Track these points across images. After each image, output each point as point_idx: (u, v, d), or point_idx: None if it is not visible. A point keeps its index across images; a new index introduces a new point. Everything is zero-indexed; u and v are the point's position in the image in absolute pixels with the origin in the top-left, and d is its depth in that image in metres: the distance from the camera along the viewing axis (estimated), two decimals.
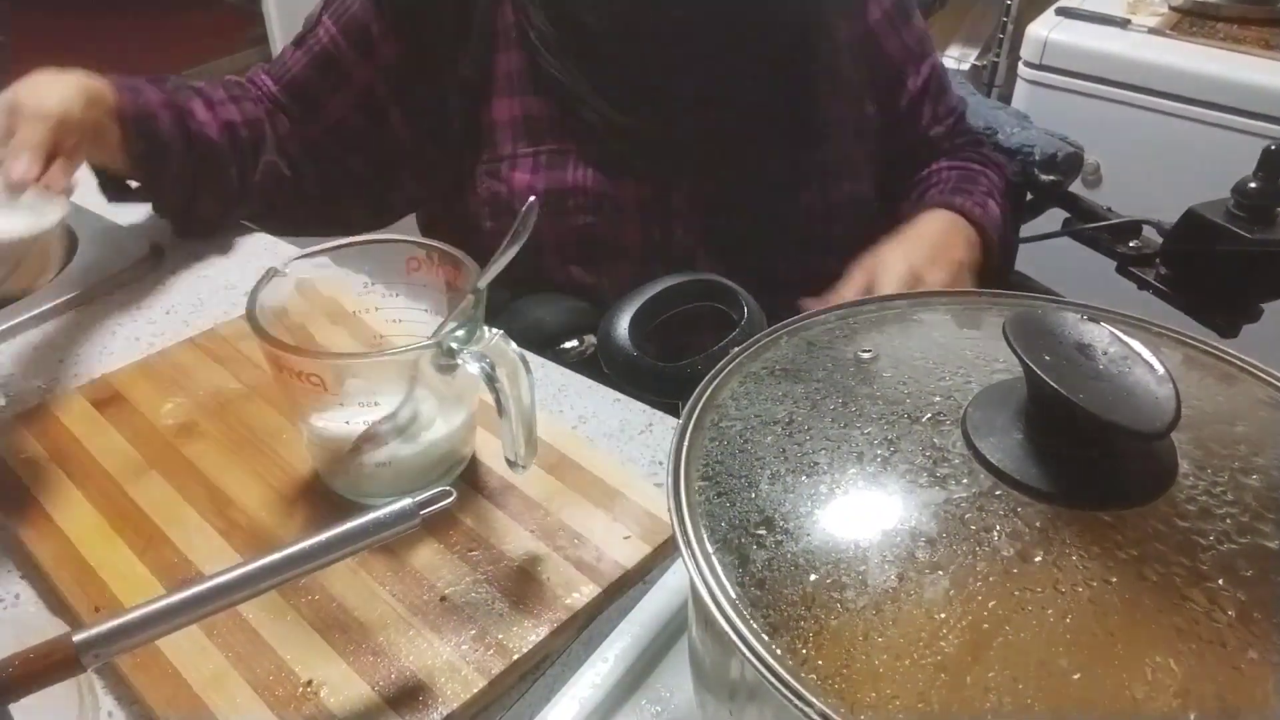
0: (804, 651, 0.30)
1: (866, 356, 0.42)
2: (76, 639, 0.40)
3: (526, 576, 0.54)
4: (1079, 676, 0.29)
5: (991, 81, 2.03)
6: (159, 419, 0.66)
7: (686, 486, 0.36)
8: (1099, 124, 1.58)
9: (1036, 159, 1.01)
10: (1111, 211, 0.98)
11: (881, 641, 0.30)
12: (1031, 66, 1.65)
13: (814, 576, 0.32)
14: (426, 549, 0.56)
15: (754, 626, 0.31)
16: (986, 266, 0.88)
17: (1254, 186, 0.80)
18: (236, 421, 0.66)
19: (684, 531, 0.35)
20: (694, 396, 0.41)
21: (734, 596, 0.32)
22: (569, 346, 0.80)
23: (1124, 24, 1.63)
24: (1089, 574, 0.31)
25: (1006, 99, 1.77)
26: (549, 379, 0.72)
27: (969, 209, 0.89)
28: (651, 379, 0.46)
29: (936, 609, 0.31)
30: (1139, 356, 0.34)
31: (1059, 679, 0.29)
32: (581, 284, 0.85)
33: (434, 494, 0.46)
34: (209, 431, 0.65)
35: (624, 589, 0.55)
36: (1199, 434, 0.36)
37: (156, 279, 0.84)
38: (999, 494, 0.34)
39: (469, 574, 0.54)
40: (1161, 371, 0.34)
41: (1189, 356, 0.42)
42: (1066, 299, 0.46)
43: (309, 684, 0.49)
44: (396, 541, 0.49)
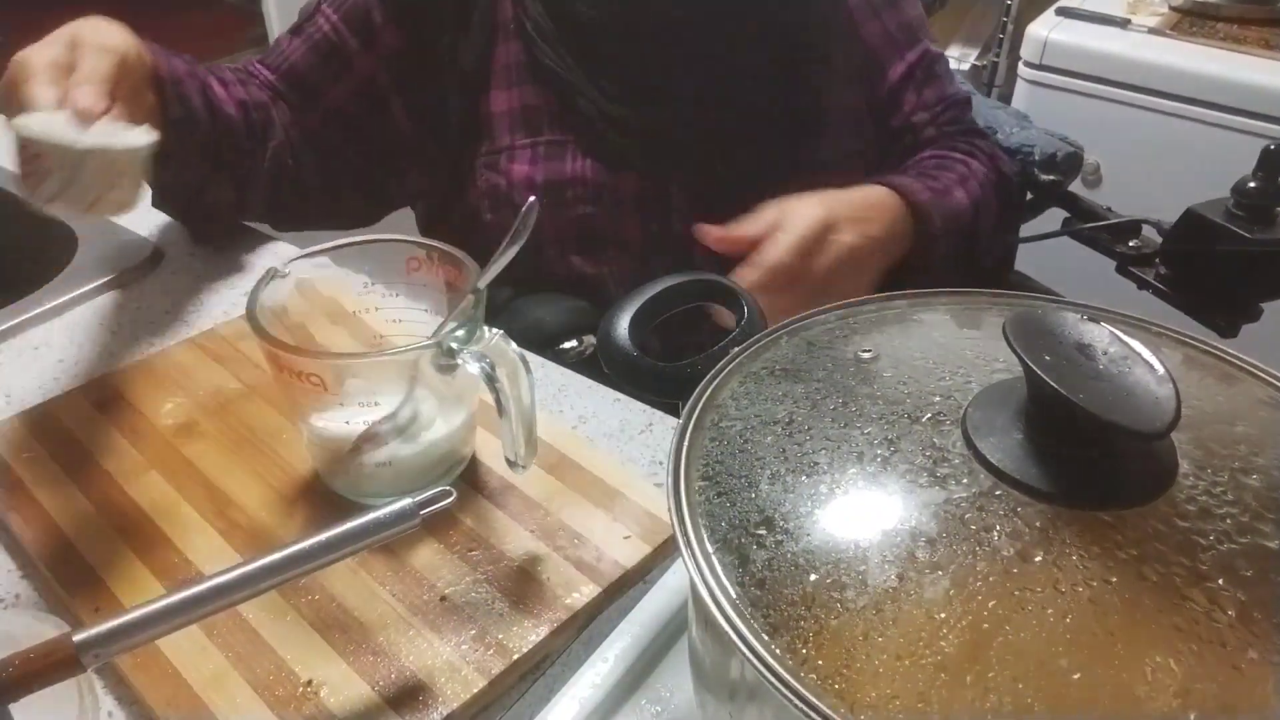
0: (804, 651, 0.30)
1: (866, 356, 0.42)
2: (76, 639, 0.40)
3: (526, 576, 0.54)
4: (1079, 676, 0.29)
5: (991, 81, 2.04)
6: (159, 419, 0.66)
7: (686, 486, 0.36)
8: (1099, 124, 1.58)
9: (1036, 159, 1.01)
10: (1111, 211, 0.98)
11: (881, 641, 0.30)
12: (1031, 66, 1.65)
13: (814, 576, 0.32)
14: (426, 549, 0.56)
15: (754, 626, 0.31)
16: (923, 253, 0.82)
17: (1253, 186, 0.80)
18: (236, 421, 0.66)
19: (684, 531, 0.35)
20: (694, 396, 0.41)
21: (734, 596, 0.32)
22: (569, 346, 0.80)
23: (1124, 24, 1.63)
24: (1089, 574, 0.31)
25: (1006, 99, 1.78)
26: (549, 379, 0.72)
27: (912, 190, 0.82)
28: (651, 379, 0.46)
29: (936, 609, 0.31)
30: (1139, 356, 0.34)
31: (1059, 679, 0.29)
32: (583, 275, 0.84)
33: (434, 494, 0.46)
34: (209, 431, 0.65)
35: (624, 589, 0.55)
36: (1199, 434, 0.36)
37: (156, 279, 0.84)
38: (999, 494, 0.34)
39: (469, 574, 0.54)
40: (1161, 371, 0.33)
41: (1189, 356, 0.42)
42: (1066, 299, 0.46)
43: (309, 684, 0.49)
44: (396, 541, 0.49)
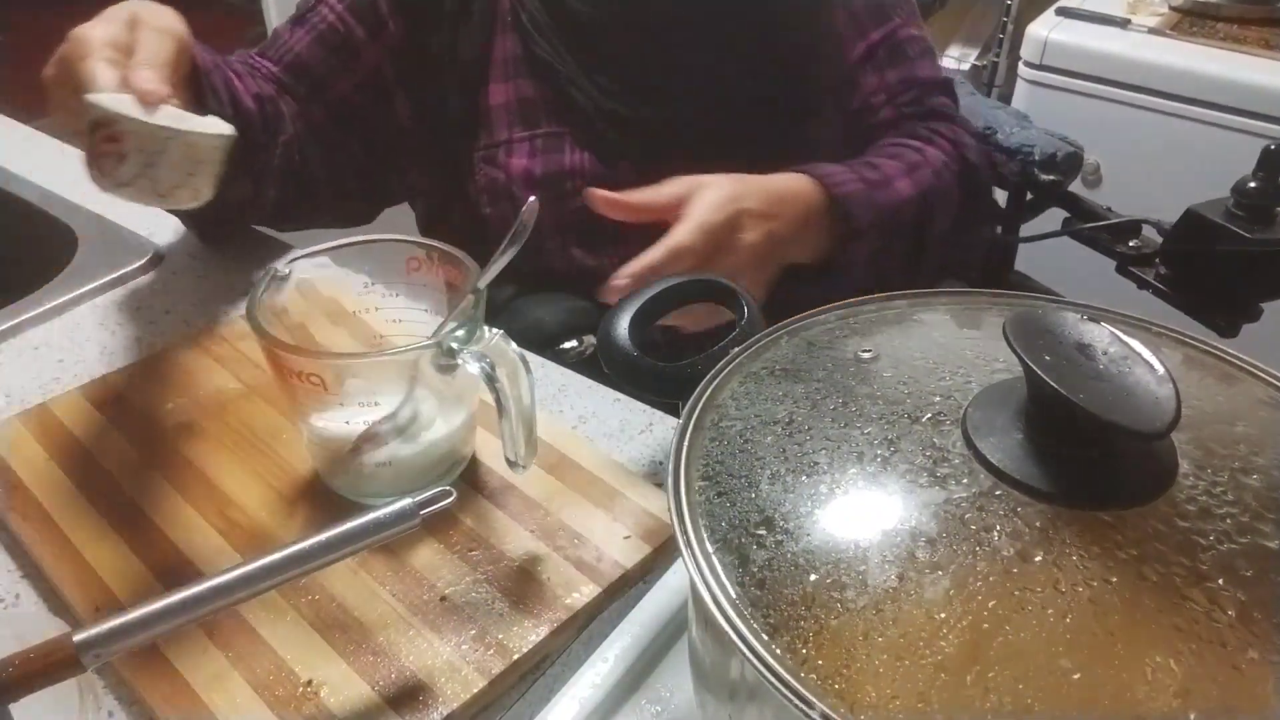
0: (804, 651, 0.30)
1: (866, 356, 0.42)
2: (76, 639, 0.40)
3: (526, 576, 0.54)
4: (1079, 676, 0.29)
5: (991, 81, 2.04)
6: (159, 419, 0.66)
7: (686, 486, 0.36)
8: (1099, 124, 1.59)
9: (1036, 159, 1.01)
10: (1111, 211, 0.98)
11: (882, 641, 0.30)
12: (1031, 66, 1.65)
13: (814, 576, 0.32)
14: (426, 549, 0.56)
15: (754, 626, 0.31)
16: (845, 251, 0.76)
17: (1254, 186, 0.80)
18: (236, 421, 0.66)
19: (684, 531, 0.35)
20: (694, 396, 0.41)
21: (734, 596, 0.32)
22: (569, 347, 0.80)
23: (1124, 24, 1.63)
24: (1089, 574, 0.31)
25: (1006, 99, 1.78)
26: (549, 379, 0.72)
27: (837, 182, 0.76)
28: (651, 379, 0.46)
29: (937, 609, 0.31)
30: (1139, 356, 0.34)
31: (1059, 679, 0.29)
32: (584, 268, 0.84)
33: (434, 494, 0.46)
34: (209, 431, 0.65)
35: (624, 589, 0.55)
36: (1199, 434, 0.36)
37: (156, 279, 0.84)
38: (999, 494, 0.34)
39: (469, 574, 0.54)
40: (1161, 371, 0.34)
41: (1189, 356, 0.42)
42: (1066, 299, 0.46)
43: (309, 684, 0.49)
44: (396, 541, 0.49)
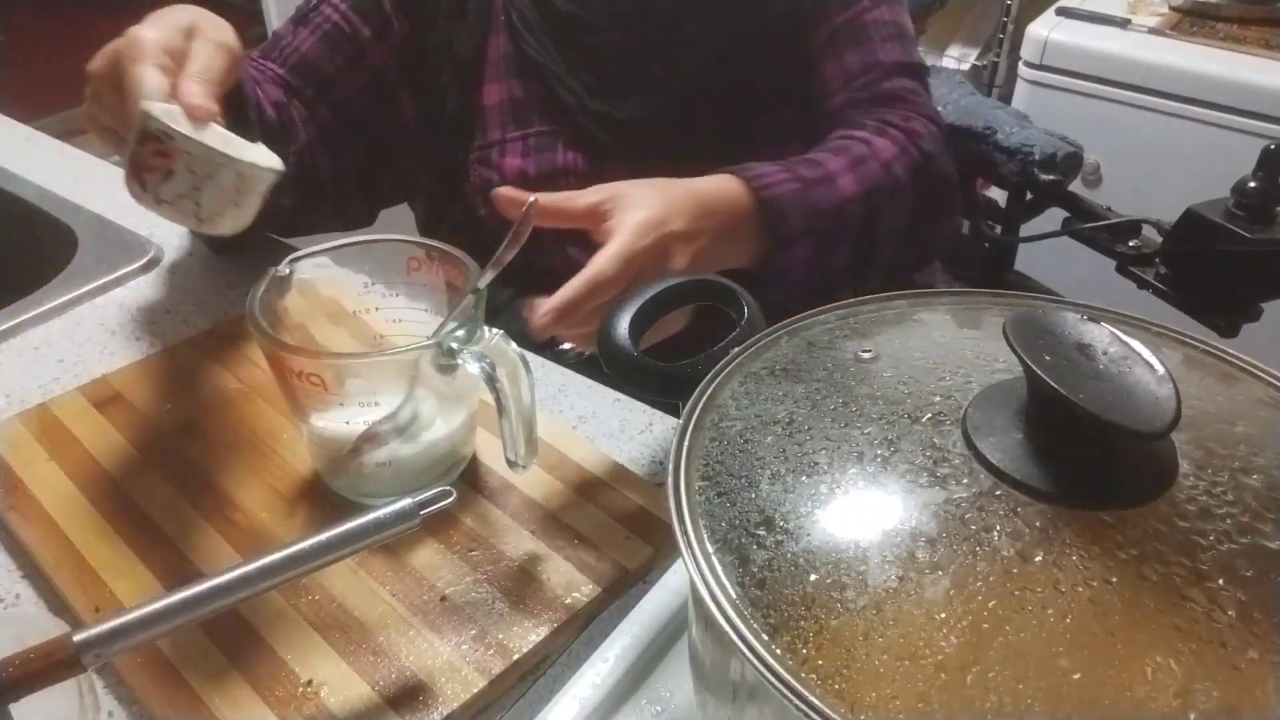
0: (804, 651, 0.30)
1: (866, 356, 0.42)
2: (76, 639, 0.40)
3: (526, 576, 0.54)
4: (1079, 676, 0.29)
5: (991, 81, 2.04)
6: (159, 419, 0.66)
7: (686, 486, 0.36)
8: (1099, 124, 1.58)
9: (1036, 159, 1.00)
10: (1111, 211, 0.98)
11: (882, 641, 0.30)
12: (1031, 66, 1.65)
13: (814, 576, 0.32)
14: (426, 549, 0.56)
15: (754, 626, 0.31)
16: (777, 257, 0.72)
17: (1253, 186, 0.80)
18: (236, 421, 0.66)
19: (684, 531, 0.35)
20: (694, 396, 0.41)
21: (734, 596, 0.32)
22: (568, 347, 0.79)
23: (1124, 24, 1.63)
24: (1089, 574, 0.31)
25: (1006, 99, 1.78)
26: (549, 379, 0.72)
27: (767, 184, 0.72)
28: (651, 379, 0.46)
29: (937, 609, 0.31)
30: (1139, 356, 0.34)
31: (1059, 679, 0.29)
32: (580, 267, 0.84)
33: (434, 494, 0.46)
34: (209, 431, 0.65)
35: (624, 589, 0.55)
36: (1199, 434, 0.36)
37: (156, 279, 0.84)
38: (999, 494, 0.34)
39: (469, 574, 0.54)
40: (1161, 371, 0.33)
41: (1189, 356, 0.42)
42: (1066, 299, 0.46)
43: (309, 684, 0.49)
44: (396, 541, 0.49)
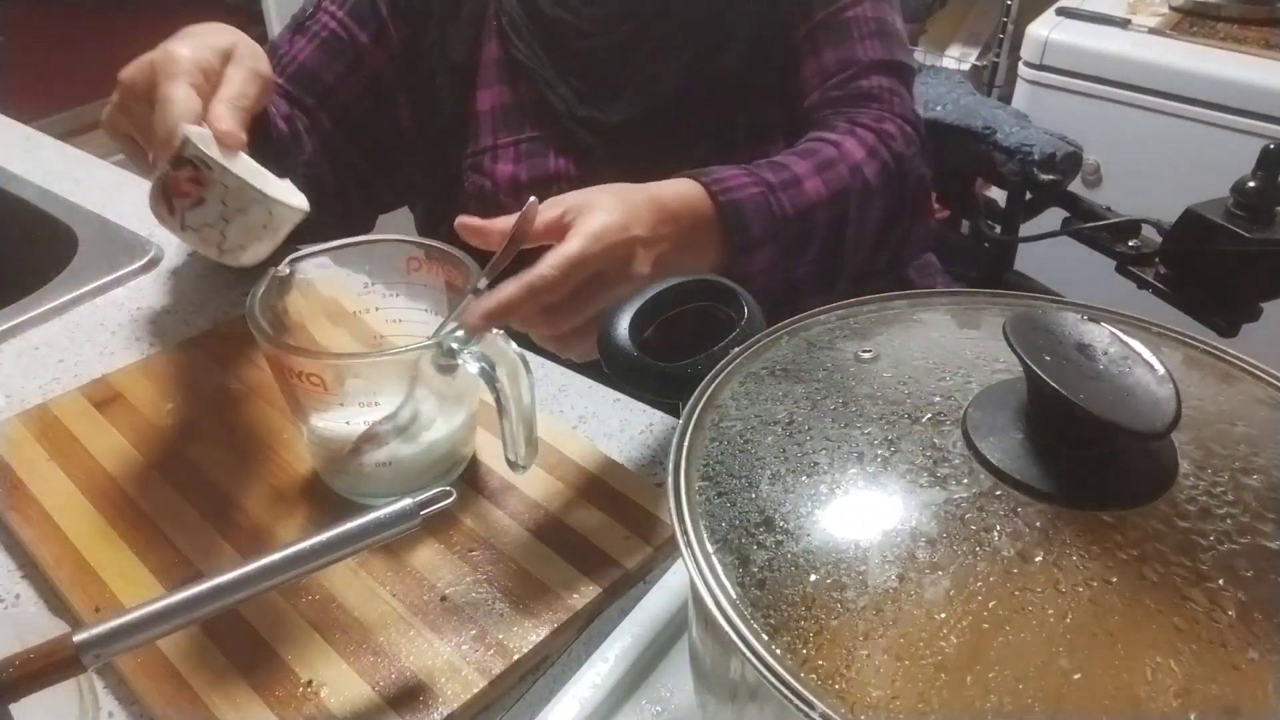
0: (804, 652, 0.30)
1: (866, 356, 0.42)
2: (76, 639, 0.40)
3: (526, 576, 0.54)
4: (1079, 677, 0.29)
5: (991, 81, 2.04)
6: (159, 419, 0.66)
7: (686, 486, 0.36)
8: (1099, 124, 1.58)
9: (1036, 158, 1.00)
10: (1111, 211, 0.98)
11: (882, 642, 0.30)
12: (1031, 66, 1.65)
13: (814, 577, 0.32)
14: (426, 549, 0.56)
15: (754, 627, 0.31)
16: (740, 264, 0.70)
17: (1253, 186, 0.80)
18: (236, 421, 0.66)
19: (684, 531, 0.35)
20: (694, 396, 0.41)
21: (734, 597, 0.32)
22: None
23: (1124, 24, 1.63)
24: (1089, 574, 0.31)
25: (1006, 99, 1.77)
26: (549, 379, 0.72)
27: (727, 188, 0.70)
28: (651, 379, 0.46)
29: (937, 609, 0.31)
30: (1139, 356, 0.34)
31: (1059, 679, 0.29)
32: None
33: (434, 494, 0.46)
34: (209, 431, 0.65)
35: (624, 589, 0.55)
36: (1199, 434, 0.36)
37: (156, 279, 0.84)
38: (999, 494, 0.34)
39: (469, 574, 0.54)
40: (1161, 371, 0.33)
41: (1189, 356, 0.42)
42: (1066, 299, 0.46)
43: (309, 684, 0.49)
44: (396, 541, 0.49)
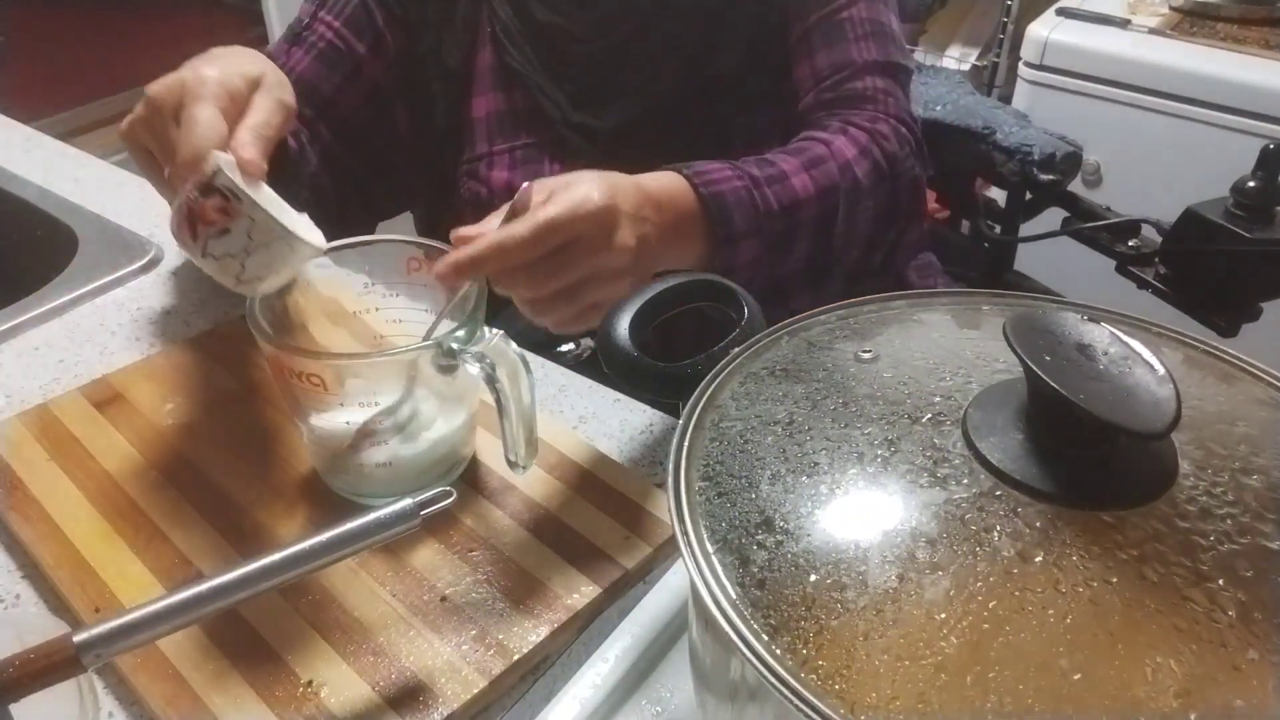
0: (804, 652, 0.30)
1: (866, 356, 0.42)
2: (76, 639, 0.40)
3: (526, 576, 0.54)
4: (1079, 677, 0.29)
5: (991, 81, 2.03)
6: (159, 419, 0.66)
7: (686, 486, 0.36)
8: (1099, 124, 1.58)
9: (1036, 158, 1.00)
10: (1111, 211, 0.98)
11: (882, 642, 0.30)
12: (1031, 66, 1.65)
13: (814, 577, 0.32)
14: (426, 549, 0.56)
15: (754, 627, 0.31)
16: (724, 259, 0.71)
17: (1253, 186, 0.80)
18: (236, 421, 0.66)
19: (684, 531, 0.35)
20: (694, 396, 0.41)
21: (734, 597, 0.32)
22: (566, 349, 0.80)
23: (1124, 24, 1.63)
24: (1089, 574, 0.31)
25: (1006, 99, 1.77)
26: (549, 379, 0.72)
27: (710, 181, 0.70)
28: (651, 379, 0.46)
29: (937, 609, 0.31)
30: (1139, 356, 0.34)
31: (1059, 679, 0.29)
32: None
33: (434, 494, 0.46)
34: (209, 431, 0.65)
35: (624, 589, 0.55)
36: (1199, 434, 0.36)
37: (156, 279, 0.84)
38: (999, 494, 0.34)
39: (469, 574, 0.54)
40: (1162, 371, 0.33)
41: (1189, 356, 0.42)
42: (1066, 299, 0.46)
43: (309, 684, 0.49)
44: (396, 541, 0.49)
